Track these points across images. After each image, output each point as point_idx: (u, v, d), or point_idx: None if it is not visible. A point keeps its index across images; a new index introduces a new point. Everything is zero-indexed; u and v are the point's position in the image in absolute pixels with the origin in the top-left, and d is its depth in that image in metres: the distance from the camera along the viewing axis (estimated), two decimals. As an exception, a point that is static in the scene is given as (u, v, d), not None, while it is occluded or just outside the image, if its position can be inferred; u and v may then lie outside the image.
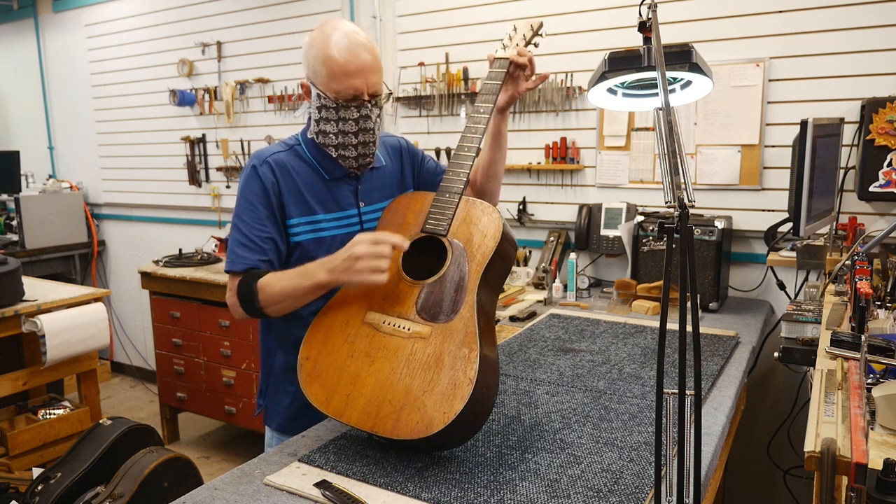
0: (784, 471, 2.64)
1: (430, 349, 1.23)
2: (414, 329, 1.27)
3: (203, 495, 1.19)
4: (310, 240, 1.55)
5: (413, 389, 1.20)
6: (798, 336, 1.90)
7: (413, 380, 1.21)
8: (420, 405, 1.19)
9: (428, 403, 1.18)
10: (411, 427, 1.18)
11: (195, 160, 4.30)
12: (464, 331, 1.23)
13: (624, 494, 1.15)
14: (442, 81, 3.24)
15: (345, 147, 1.51)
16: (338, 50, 1.42)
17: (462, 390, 1.16)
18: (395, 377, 1.23)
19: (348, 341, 1.31)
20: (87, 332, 2.87)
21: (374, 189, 1.63)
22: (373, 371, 1.25)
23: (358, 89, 1.45)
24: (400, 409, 1.20)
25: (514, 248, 1.42)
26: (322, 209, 1.56)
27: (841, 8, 2.38)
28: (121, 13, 4.52)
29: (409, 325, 1.28)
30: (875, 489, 0.93)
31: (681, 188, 0.87)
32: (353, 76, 1.43)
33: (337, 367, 1.29)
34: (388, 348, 1.26)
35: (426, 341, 1.25)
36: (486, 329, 1.28)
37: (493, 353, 1.27)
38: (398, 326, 1.28)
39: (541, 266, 2.95)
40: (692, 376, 0.87)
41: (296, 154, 1.57)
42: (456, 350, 1.21)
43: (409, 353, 1.24)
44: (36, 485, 2.31)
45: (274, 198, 1.50)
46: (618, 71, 1.20)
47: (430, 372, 1.20)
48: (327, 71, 1.44)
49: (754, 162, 2.60)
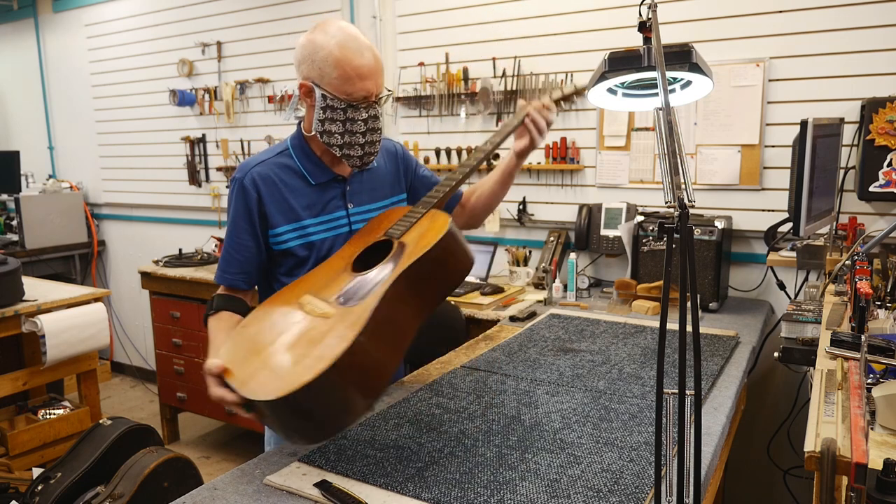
0: (784, 471, 2.65)
1: (324, 327, 1.22)
2: (324, 310, 1.27)
3: (203, 495, 1.19)
4: (299, 245, 1.58)
5: (287, 358, 1.19)
6: (798, 336, 1.90)
7: (294, 350, 1.20)
8: (281, 371, 1.16)
9: (288, 370, 1.14)
10: (260, 387, 1.13)
11: (195, 160, 4.30)
12: (357, 315, 1.20)
13: (624, 494, 1.15)
14: (442, 81, 3.24)
15: (350, 146, 1.52)
16: (351, 53, 1.44)
17: (320, 364, 1.11)
18: (283, 347, 1.23)
19: (272, 316, 1.34)
20: (87, 332, 2.87)
21: (363, 190, 1.65)
22: (274, 342, 1.25)
23: (370, 91, 1.48)
24: (266, 371, 1.18)
25: (454, 256, 1.36)
26: (309, 214, 1.58)
27: (841, 8, 2.38)
28: (121, 13, 4.52)
29: (323, 307, 1.28)
30: (875, 489, 0.93)
31: (681, 188, 0.87)
32: (366, 79, 1.46)
33: (255, 338, 1.30)
34: (296, 324, 1.27)
35: (325, 321, 1.24)
36: (389, 323, 1.22)
37: (378, 345, 1.19)
38: (315, 307, 1.29)
39: (541, 266, 2.95)
40: (692, 376, 0.87)
41: (283, 161, 1.59)
42: (341, 331, 1.18)
43: (309, 328, 1.24)
44: (36, 485, 2.31)
45: (255, 212, 1.54)
46: (618, 71, 1.20)
47: (310, 346, 1.19)
48: (340, 73, 1.45)
49: (754, 162, 2.60)
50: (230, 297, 1.58)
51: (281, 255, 1.59)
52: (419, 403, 1.57)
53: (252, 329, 1.33)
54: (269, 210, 1.55)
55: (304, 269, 1.59)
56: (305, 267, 1.59)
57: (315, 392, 1.09)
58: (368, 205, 1.65)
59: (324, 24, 1.49)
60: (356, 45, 1.45)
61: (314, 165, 1.59)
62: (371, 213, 1.65)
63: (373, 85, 1.48)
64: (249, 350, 1.26)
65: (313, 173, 1.58)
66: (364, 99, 1.48)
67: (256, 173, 1.55)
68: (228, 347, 1.30)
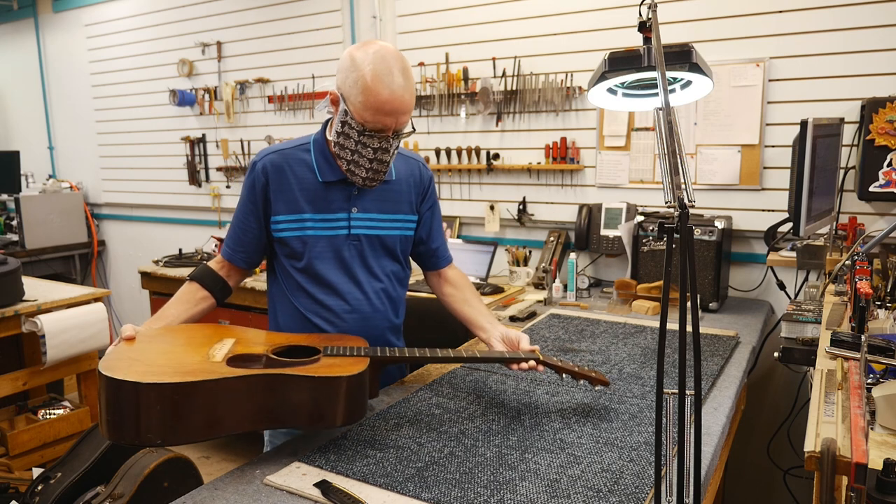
0: (784, 471, 2.64)
1: (195, 365, 1.28)
2: (215, 357, 1.33)
3: (203, 495, 1.19)
4: (294, 237, 1.60)
5: (150, 364, 1.28)
6: (798, 336, 1.90)
7: (159, 363, 1.29)
8: (134, 366, 1.24)
9: (133, 369, 1.22)
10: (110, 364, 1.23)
11: (195, 160, 4.31)
12: (213, 372, 1.25)
13: (624, 494, 1.15)
14: (442, 81, 3.24)
15: (357, 165, 1.53)
16: (382, 86, 1.42)
17: (152, 378, 1.19)
18: (160, 356, 1.34)
19: (193, 333, 1.48)
20: (87, 332, 2.87)
21: (372, 199, 1.64)
22: (166, 353, 1.36)
23: (387, 126, 1.47)
24: (134, 363, 1.27)
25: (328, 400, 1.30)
26: (311, 209, 1.59)
27: (841, 8, 2.38)
28: (121, 13, 4.52)
29: (219, 356, 1.35)
30: (875, 489, 0.93)
31: (681, 188, 0.87)
32: (387, 115, 1.45)
33: (166, 345, 1.41)
34: (189, 353, 1.35)
35: (202, 361, 1.31)
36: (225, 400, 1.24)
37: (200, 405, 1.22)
38: (216, 350, 1.37)
39: (541, 266, 2.95)
40: (692, 376, 0.87)
41: (300, 154, 1.61)
42: (202, 368, 1.26)
43: (190, 358, 1.32)
44: (36, 485, 2.31)
45: (260, 195, 1.60)
46: (618, 71, 1.20)
47: (171, 365, 1.28)
48: (364, 101, 1.44)
49: (754, 162, 2.60)
50: (213, 273, 1.66)
51: (279, 243, 1.63)
52: (419, 403, 1.57)
53: (176, 337, 1.46)
54: (273, 197, 1.59)
55: (300, 262, 1.61)
56: (301, 261, 1.61)
57: (127, 392, 1.17)
58: (374, 213, 1.64)
59: (369, 44, 1.47)
60: (389, 78, 1.42)
61: (327, 164, 1.59)
62: (375, 222, 1.64)
63: (392, 122, 1.46)
64: (152, 351, 1.36)
65: (323, 170, 1.59)
66: (380, 131, 1.47)
67: (269, 161, 1.60)
68: (153, 339, 1.43)
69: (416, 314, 1.58)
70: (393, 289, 1.70)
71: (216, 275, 1.66)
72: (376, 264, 1.66)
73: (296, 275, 1.63)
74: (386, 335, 1.70)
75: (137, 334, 1.41)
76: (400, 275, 1.74)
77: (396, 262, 1.71)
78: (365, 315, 1.64)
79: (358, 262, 1.63)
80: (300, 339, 1.51)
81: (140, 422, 1.18)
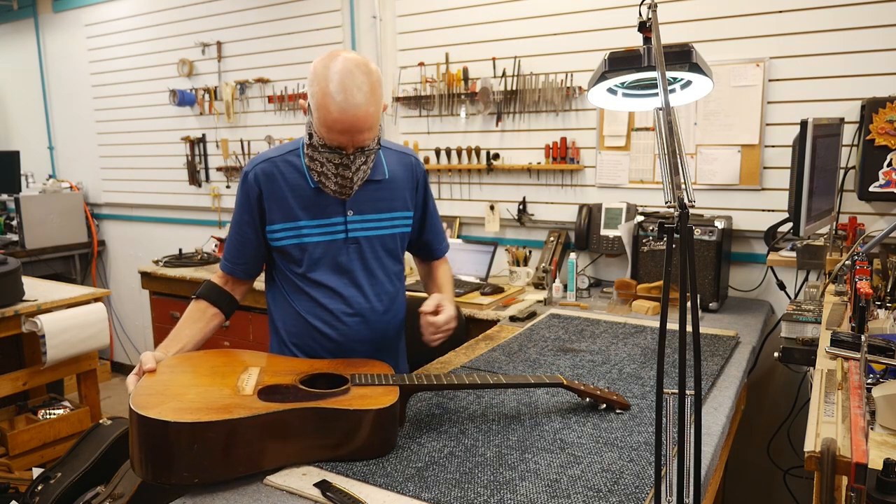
0: (784, 471, 2.64)
1: (227, 400, 1.28)
2: (245, 391, 1.32)
3: (203, 495, 1.19)
4: (292, 245, 1.59)
5: (181, 398, 1.26)
6: (798, 336, 1.90)
7: (189, 396, 1.28)
8: (169, 402, 1.23)
9: (166, 406, 1.22)
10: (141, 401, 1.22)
11: (195, 160, 4.30)
12: (250, 409, 1.24)
13: (624, 494, 1.16)
14: (442, 81, 3.24)
15: (326, 177, 1.52)
16: (333, 105, 1.38)
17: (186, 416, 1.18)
18: (190, 390, 1.32)
19: (214, 362, 1.47)
20: (87, 332, 2.87)
21: (367, 200, 1.62)
22: (192, 386, 1.34)
23: (342, 144, 1.45)
24: (167, 399, 1.26)
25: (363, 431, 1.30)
26: (306, 216, 1.57)
27: (840, 8, 2.38)
28: (121, 13, 4.52)
29: (248, 388, 1.34)
30: (875, 489, 0.93)
31: (681, 188, 0.87)
32: (341, 133, 1.42)
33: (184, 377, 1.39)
34: (215, 386, 1.34)
35: (232, 395, 1.30)
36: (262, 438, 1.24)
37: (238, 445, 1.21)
38: (245, 382, 1.36)
39: (541, 266, 2.95)
40: (692, 376, 0.87)
41: (290, 159, 1.59)
42: (235, 403, 1.26)
43: (219, 393, 1.31)
44: (36, 485, 2.31)
45: (255, 205, 1.58)
46: (618, 71, 1.20)
47: (202, 402, 1.26)
48: (318, 117, 1.42)
49: (754, 162, 2.60)
50: (218, 289, 1.66)
51: (278, 252, 1.61)
52: (419, 403, 1.57)
53: (196, 366, 1.44)
54: (267, 206, 1.57)
55: (300, 268, 1.60)
56: (300, 266, 1.60)
57: (173, 432, 1.16)
58: (370, 214, 1.62)
59: (334, 57, 1.42)
60: (344, 96, 1.37)
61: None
62: (372, 223, 1.63)
63: (346, 140, 1.43)
64: (179, 384, 1.34)
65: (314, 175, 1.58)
66: (339, 147, 1.45)
67: (261, 169, 1.57)
68: (175, 369, 1.41)
69: (417, 314, 1.57)
70: (394, 288, 1.70)
71: (222, 290, 1.66)
72: (377, 265, 1.65)
73: (295, 279, 1.62)
74: (387, 335, 1.70)
75: (158, 364, 1.39)
76: (399, 273, 1.74)
77: (397, 262, 1.71)
78: (366, 317, 1.64)
79: (358, 265, 1.63)
80: (323, 365, 1.50)
81: (179, 460, 1.17)
